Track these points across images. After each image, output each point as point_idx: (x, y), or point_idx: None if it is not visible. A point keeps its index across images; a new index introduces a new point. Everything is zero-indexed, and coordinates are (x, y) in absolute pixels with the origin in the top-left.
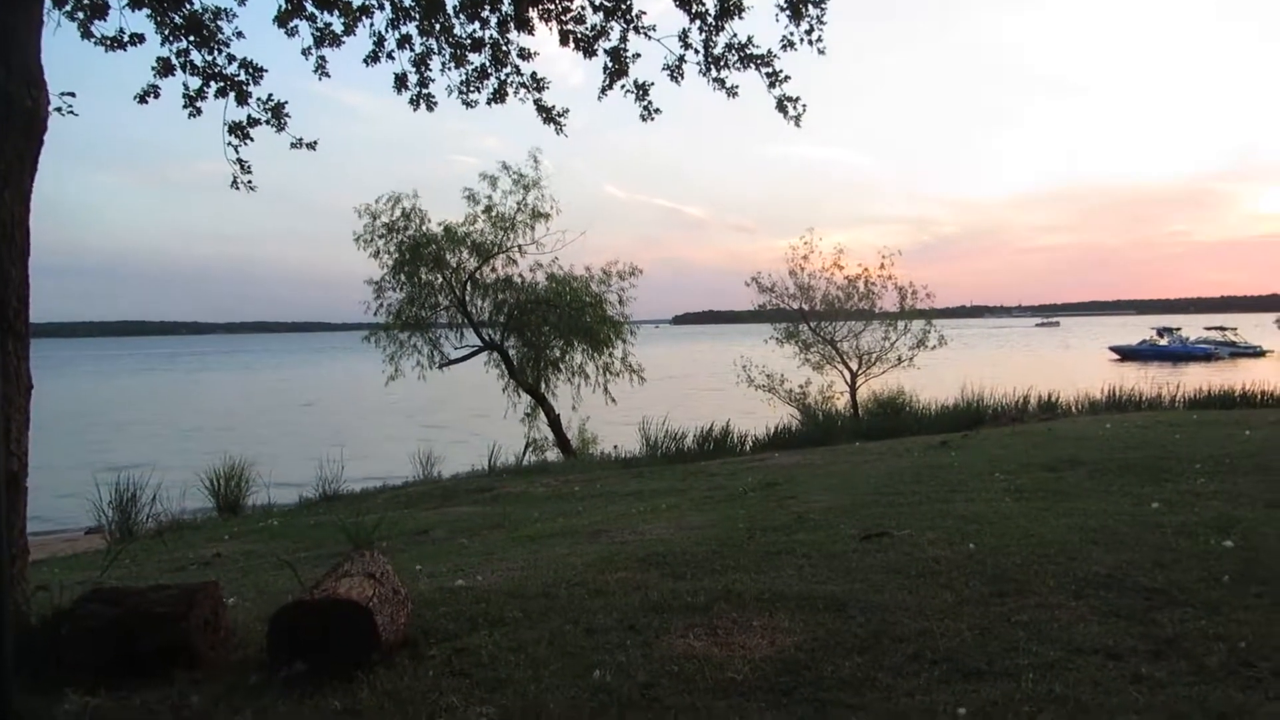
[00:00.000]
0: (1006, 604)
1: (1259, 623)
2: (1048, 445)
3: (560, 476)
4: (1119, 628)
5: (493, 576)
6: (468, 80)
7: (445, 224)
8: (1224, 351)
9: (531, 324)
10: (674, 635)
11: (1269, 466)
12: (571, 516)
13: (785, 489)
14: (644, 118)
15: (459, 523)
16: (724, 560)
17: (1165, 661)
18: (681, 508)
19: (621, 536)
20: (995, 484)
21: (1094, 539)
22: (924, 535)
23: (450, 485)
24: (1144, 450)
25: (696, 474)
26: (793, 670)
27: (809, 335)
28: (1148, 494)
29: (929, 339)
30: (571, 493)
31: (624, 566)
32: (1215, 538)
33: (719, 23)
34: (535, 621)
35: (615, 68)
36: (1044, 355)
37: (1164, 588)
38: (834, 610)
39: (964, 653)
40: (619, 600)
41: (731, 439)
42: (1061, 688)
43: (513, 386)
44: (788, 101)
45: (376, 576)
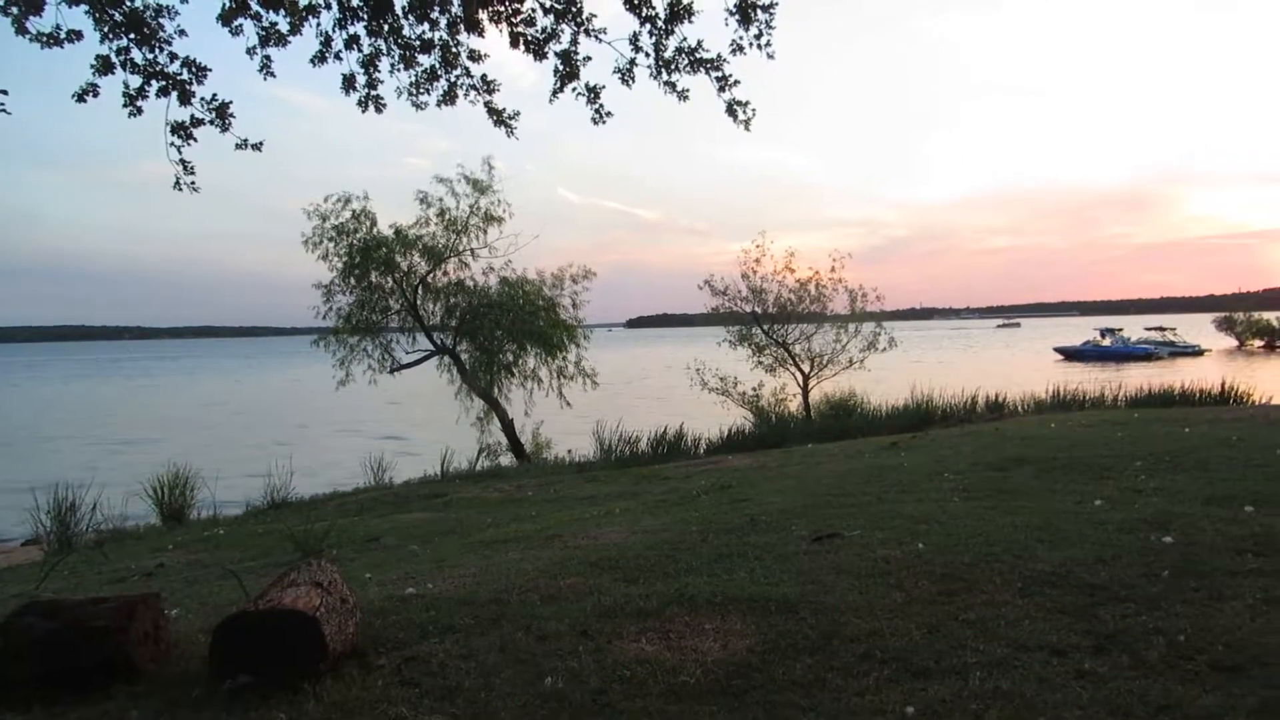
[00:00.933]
0: (954, 602)
1: (1196, 616)
2: (995, 445)
3: (514, 481)
4: (1063, 624)
5: (444, 584)
6: (417, 82)
7: (396, 226)
8: (1164, 351)
9: (484, 328)
10: (626, 640)
11: (1207, 463)
12: (525, 522)
13: (738, 491)
14: (595, 121)
15: (410, 529)
16: (677, 563)
17: (1107, 656)
18: (635, 511)
19: (575, 541)
20: (944, 484)
21: (1039, 537)
22: (874, 535)
23: (402, 491)
24: (1087, 449)
25: (650, 477)
26: (745, 673)
27: (762, 338)
28: (1091, 492)
29: (879, 341)
30: (525, 498)
31: (577, 571)
32: (1155, 534)
33: (669, 26)
34: (486, 629)
35: (566, 71)
36: (993, 356)
37: (1106, 584)
38: (786, 612)
39: (913, 652)
40: (571, 606)
41: (685, 442)
42: (1008, 685)
43: (465, 391)
44: (737, 105)
45: (324, 585)
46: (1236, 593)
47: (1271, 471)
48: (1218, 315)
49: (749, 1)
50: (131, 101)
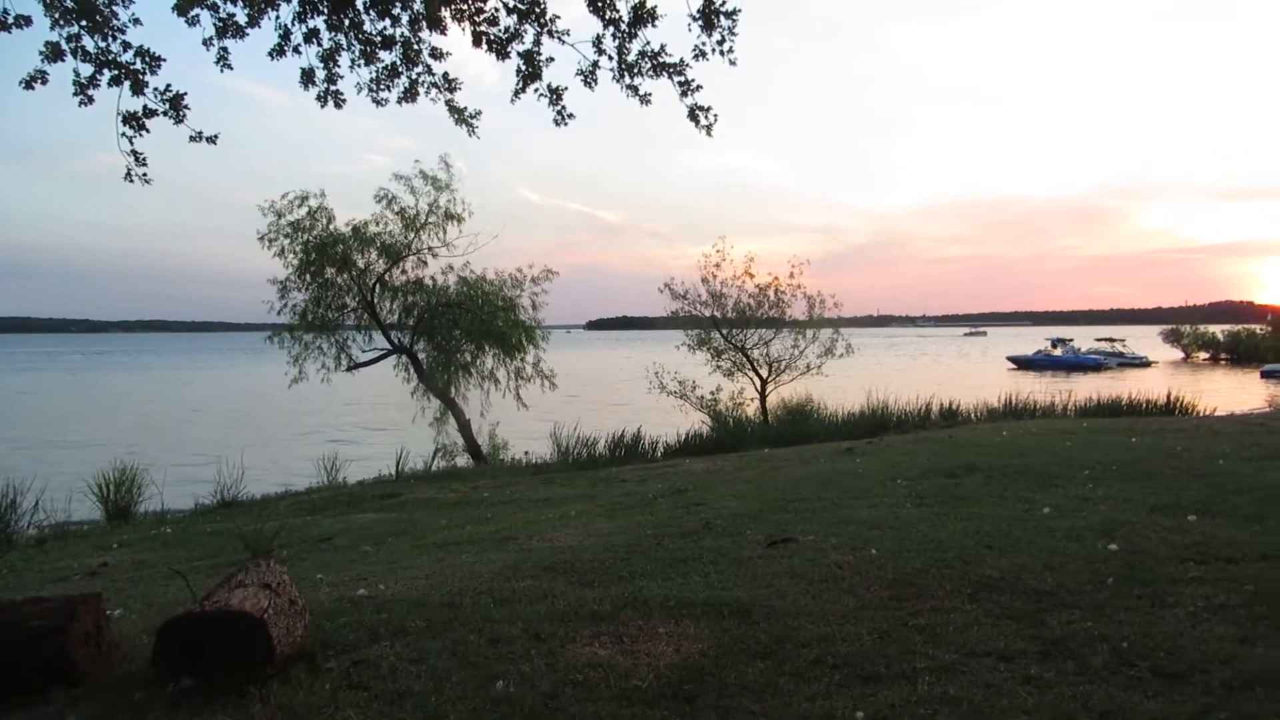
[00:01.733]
0: (905, 608)
1: (1140, 623)
2: (948, 452)
3: (470, 482)
4: (1010, 630)
5: (396, 585)
6: (378, 78)
7: (354, 224)
8: (1113, 362)
9: (442, 327)
10: (579, 644)
11: (1152, 473)
12: (480, 523)
13: (695, 495)
14: (557, 122)
15: (363, 530)
16: (632, 567)
17: (1053, 662)
18: (591, 514)
19: (529, 544)
20: (897, 490)
21: (989, 543)
22: (828, 540)
23: (356, 491)
24: (1037, 457)
25: (607, 480)
26: (697, 677)
27: (720, 342)
28: (1040, 499)
29: (837, 347)
30: (481, 499)
31: (531, 574)
32: (1101, 541)
33: (632, 30)
34: (438, 632)
35: (528, 71)
36: (948, 364)
37: (1053, 590)
38: (739, 616)
39: (863, 657)
40: (525, 609)
41: (643, 445)
42: (956, 690)
43: (422, 390)
44: (700, 110)
45: (273, 587)
46: (1178, 600)
47: (1214, 481)
48: (1165, 328)
49: (712, 7)
50: (82, 90)
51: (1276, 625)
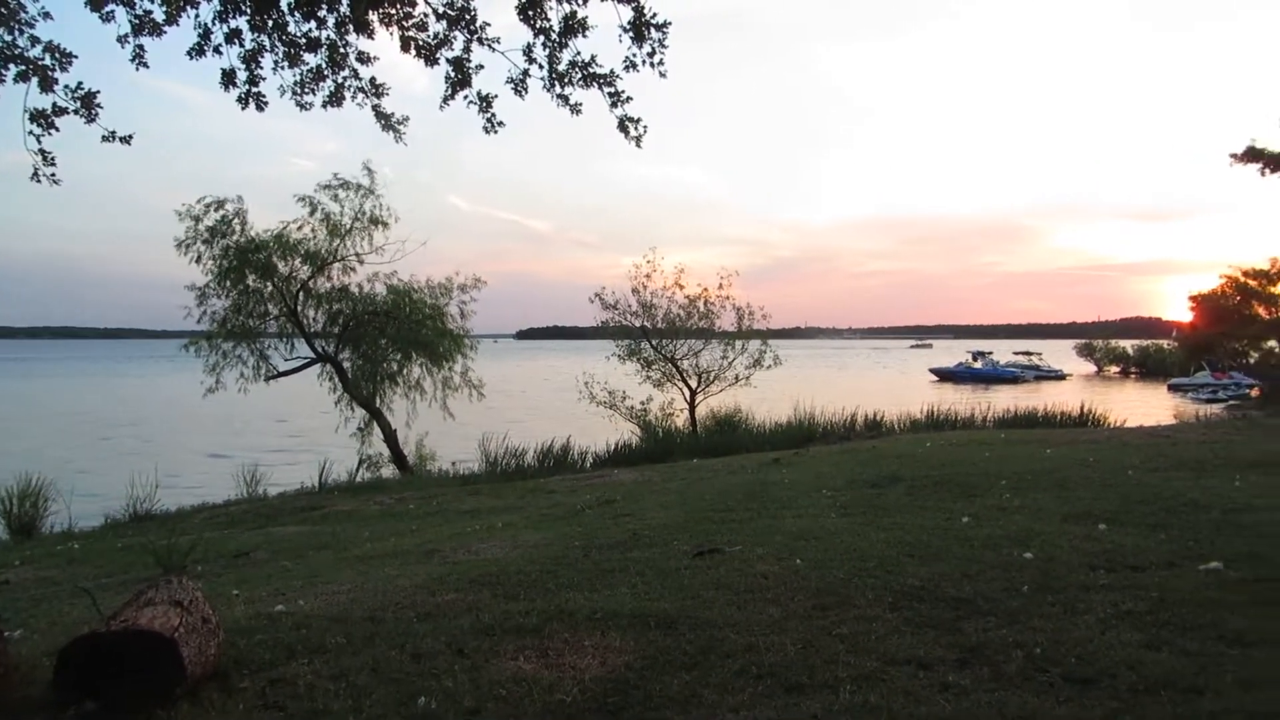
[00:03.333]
0: (828, 617)
1: (1052, 629)
2: (872, 463)
3: (395, 494)
4: (930, 638)
5: (316, 601)
6: (302, 81)
7: (276, 230)
8: (1029, 375)
9: (368, 336)
10: (504, 658)
11: (1065, 483)
12: (404, 536)
13: (623, 506)
14: (487, 130)
15: (283, 544)
16: (558, 579)
17: (970, 669)
18: (518, 526)
19: (455, 556)
20: (822, 500)
21: (910, 552)
22: (754, 551)
23: (276, 504)
24: (957, 467)
25: (536, 491)
26: (623, 689)
27: (650, 353)
28: (959, 509)
29: (765, 358)
30: (406, 511)
31: (456, 587)
32: (1017, 550)
33: (562, 40)
34: (359, 648)
35: (458, 78)
36: (876, 376)
37: (970, 598)
38: (665, 628)
39: (787, 666)
40: (449, 623)
41: (572, 456)
42: (876, 698)
43: (346, 400)
44: (629, 122)
45: (184, 604)
46: (1089, 607)
47: (1123, 491)
48: (1079, 342)
49: (642, 20)
50: None
51: (1180, 631)
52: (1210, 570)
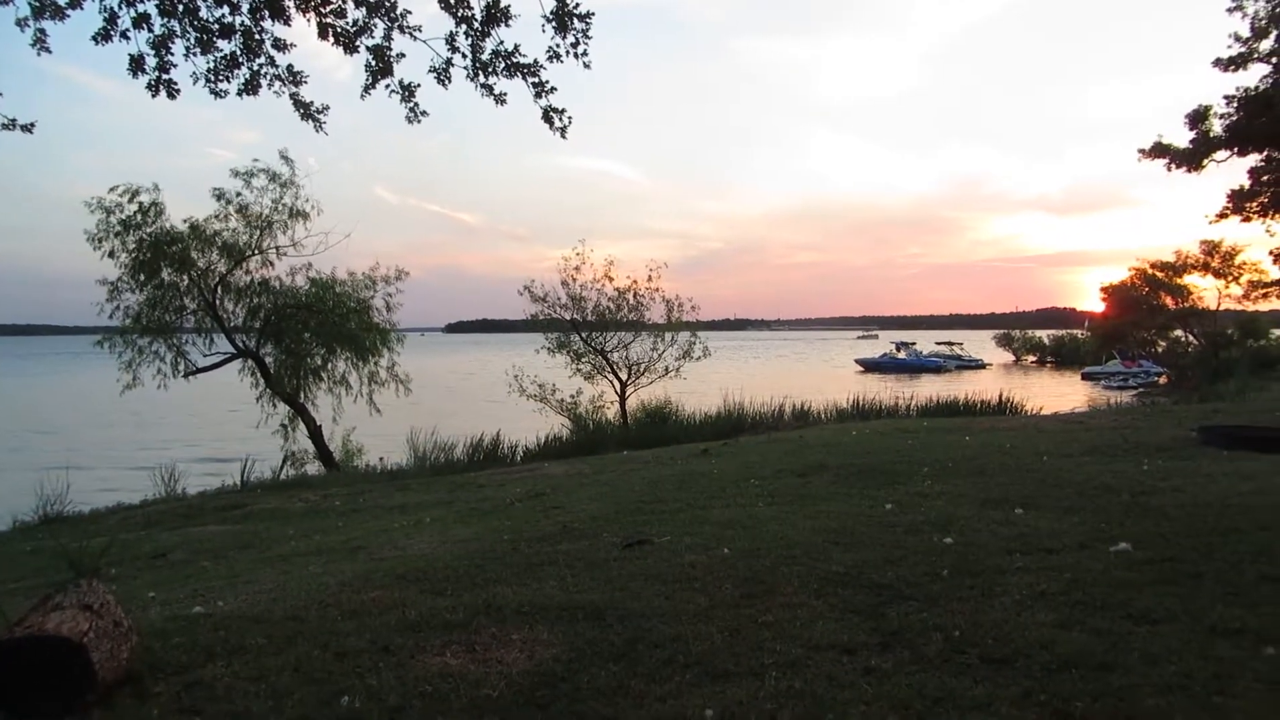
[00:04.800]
0: (755, 605)
1: (970, 612)
2: (799, 452)
3: (320, 491)
4: (853, 623)
5: (236, 601)
6: (216, 68)
7: (192, 221)
8: (951, 364)
9: (291, 330)
10: (430, 654)
11: (984, 469)
12: (329, 533)
13: (552, 499)
14: (410, 120)
15: (203, 543)
16: (486, 573)
17: (891, 653)
18: (446, 520)
19: (381, 553)
20: (750, 489)
21: (835, 540)
22: (683, 541)
23: (196, 503)
24: (881, 455)
25: (465, 485)
26: (550, 683)
27: (580, 345)
28: (883, 496)
29: (694, 350)
30: (332, 508)
31: (381, 584)
32: (938, 535)
33: (485, 28)
34: (280, 648)
35: (379, 66)
36: (806, 366)
37: (893, 583)
38: (593, 620)
39: (714, 655)
40: (374, 620)
41: (502, 449)
42: (800, 684)
43: (269, 396)
44: (554, 112)
45: (94, 608)
46: (1006, 589)
47: (1038, 476)
48: (998, 332)
49: (566, 10)
50: None
51: (1091, 610)
52: (1119, 551)
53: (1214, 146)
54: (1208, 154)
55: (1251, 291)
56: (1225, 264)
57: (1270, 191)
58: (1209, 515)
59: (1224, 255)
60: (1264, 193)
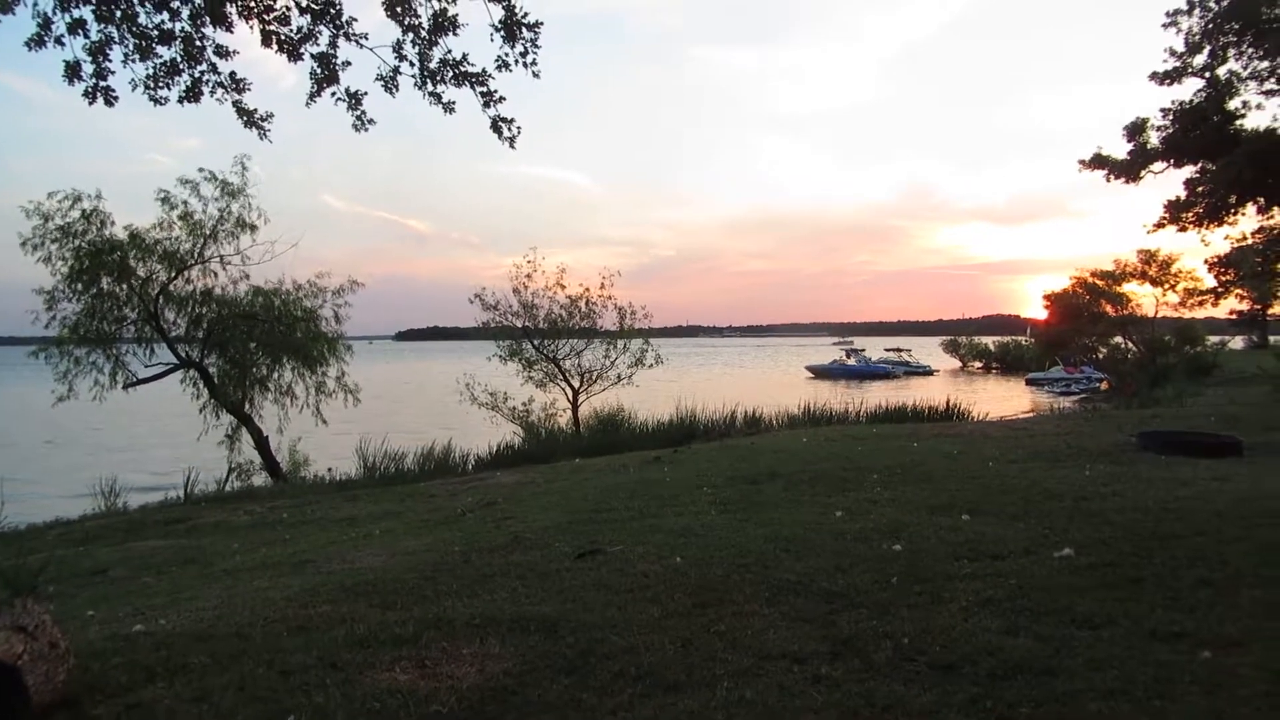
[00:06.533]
0: (707, 615)
1: (919, 619)
2: (750, 459)
3: (267, 503)
4: (804, 631)
5: (179, 619)
6: (156, 75)
7: (133, 229)
8: (900, 370)
9: (235, 340)
10: (379, 670)
11: (931, 475)
12: (276, 546)
13: (504, 509)
14: (357, 128)
15: (145, 559)
16: (437, 586)
17: (841, 661)
18: (396, 532)
19: (329, 566)
20: (703, 498)
21: (786, 548)
22: (635, 550)
23: (137, 517)
24: (832, 462)
25: (415, 496)
26: (501, 697)
27: (532, 353)
28: (833, 503)
29: (647, 357)
30: (278, 520)
31: (329, 599)
32: (887, 542)
33: (433, 37)
34: (225, 666)
35: (324, 74)
36: (759, 373)
37: (843, 591)
38: (545, 632)
39: (666, 666)
40: (321, 636)
41: (453, 458)
42: (751, 693)
43: (213, 407)
44: (503, 122)
45: (29, 630)
46: (954, 595)
47: (984, 482)
48: (945, 339)
49: (514, 19)
50: None
51: (1036, 616)
52: (1063, 557)
53: (1151, 158)
54: (1145, 165)
55: (1188, 299)
56: (1163, 272)
57: (1205, 202)
58: (1148, 520)
59: (1161, 264)
60: (1199, 204)
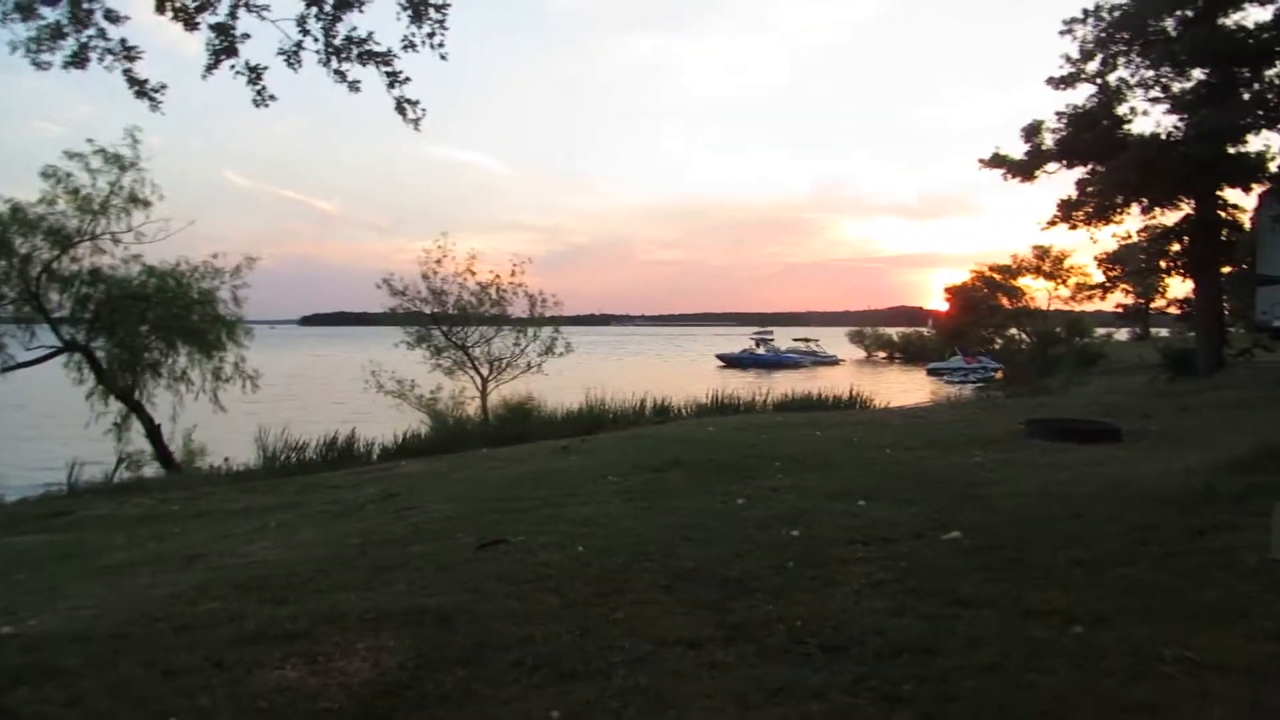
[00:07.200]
0: (607, 603)
1: (812, 603)
2: (657, 448)
3: (158, 495)
4: (700, 618)
5: (53, 619)
6: (39, 38)
7: (14, 203)
8: (807, 360)
9: (126, 322)
10: (268, 668)
11: (832, 462)
12: (165, 540)
13: (406, 499)
14: (257, 103)
15: (19, 555)
16: (331, 579)
17: (735, 646)
18: (293, 524)
19: (221, 561)
20: (607, 486)
21: (687, 535)
22: (538, 540)
23: (14, 510)
24: (736, 450)
25: (315, 486)
26: (394, 692)
27: (441, 340)
28: (735, 491)
29: (557, 346)
30: (169, 513)
31: (218, 595)
32: (785, 528)
33: (337, 13)
34: (101, 668)
35: (222, 45)
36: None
37: (740, 577)
38: (441, 624)
39: (562, 655)
40: (207, 634)
41: (358, 448)
42: (647, 680)
43: (101, 393)
44: (407, 103)
45: None
46: (846, 579)
47: (881, 469)
48: (852, 329)
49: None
50: None
51: (922, 597)
52: (950, 539)
53: (1046, 158)
54: (1040, 165)
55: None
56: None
57: (1094, 202)
58: (1030, 504)
59: (1054, 260)
60: (1089, 203)
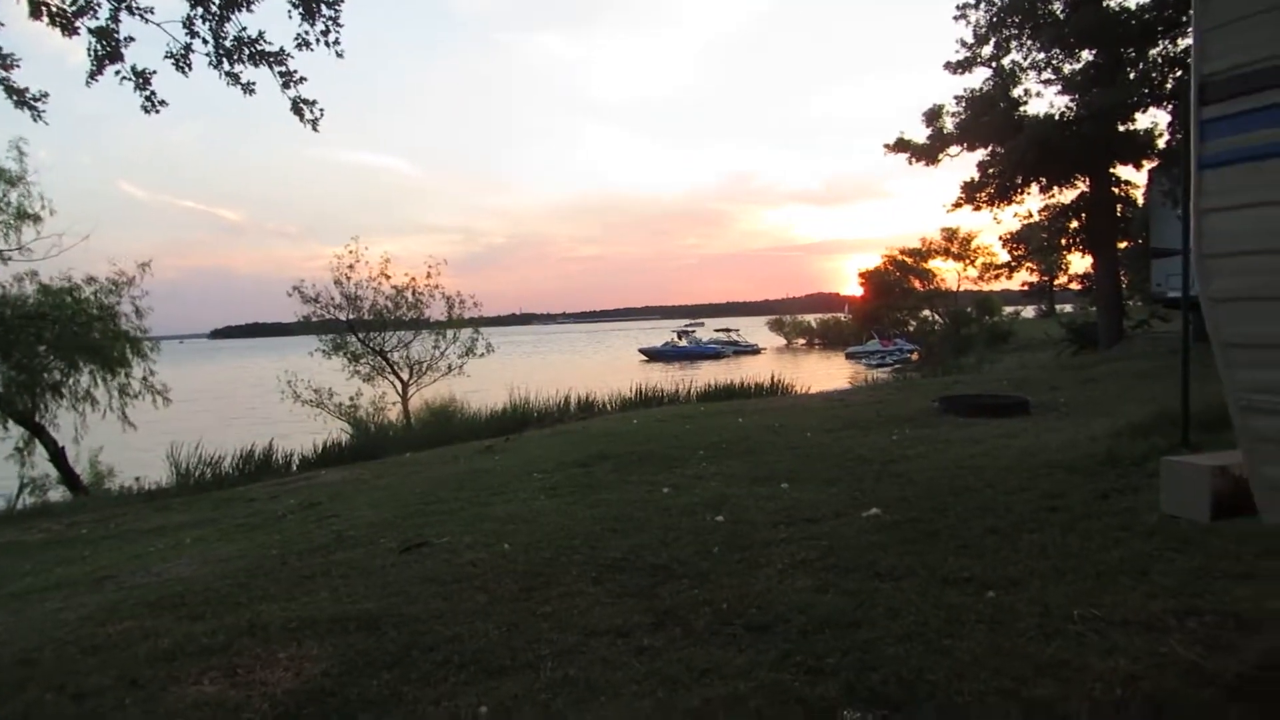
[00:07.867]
0: (534, 598)
1: (737, 585)
2: (582, 443)
3: (65, 519)
4: (628, 606)
5: None
6: None
7: None
8: (729, 350)
9: (21, 343)
10: (185, 684)
11: (755, 448)
12: (73, 564)
13: (328, 507)
14: (146, 109)
15: None
16: (251, 592)
17: (663, 631)
18: (210, 539)
19: (133, 580)
20: (532, 483)
21: (614, 527)
22: (463, 540)
23: None
24: (661, 441)
25: (232, 500)
26: (318, 699)
27: (358, 346)
28: (661, 480)
29: (477, 347)
30: (77, 536)
31: (131, 614)
32: (711, 514)
33: (224, 13)
34: (6, 697)
35: (105, 50)
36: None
37: (667, 564)
38: (366, 629)
39: (490, 652)
40: (120, 654)
41: (276, 459)
42: (575, 671)
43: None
44: (304, 104)
45: None
46: (770, 560)
47: (802, 452)
48: (771, 318)
49: None
50: None
51: (844, 573)
52: (870, 516)
53: (948, 142)
54: (942, 149)
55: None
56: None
57: (995, 183)
58: (945, 478)
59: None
60: (990, 184)
